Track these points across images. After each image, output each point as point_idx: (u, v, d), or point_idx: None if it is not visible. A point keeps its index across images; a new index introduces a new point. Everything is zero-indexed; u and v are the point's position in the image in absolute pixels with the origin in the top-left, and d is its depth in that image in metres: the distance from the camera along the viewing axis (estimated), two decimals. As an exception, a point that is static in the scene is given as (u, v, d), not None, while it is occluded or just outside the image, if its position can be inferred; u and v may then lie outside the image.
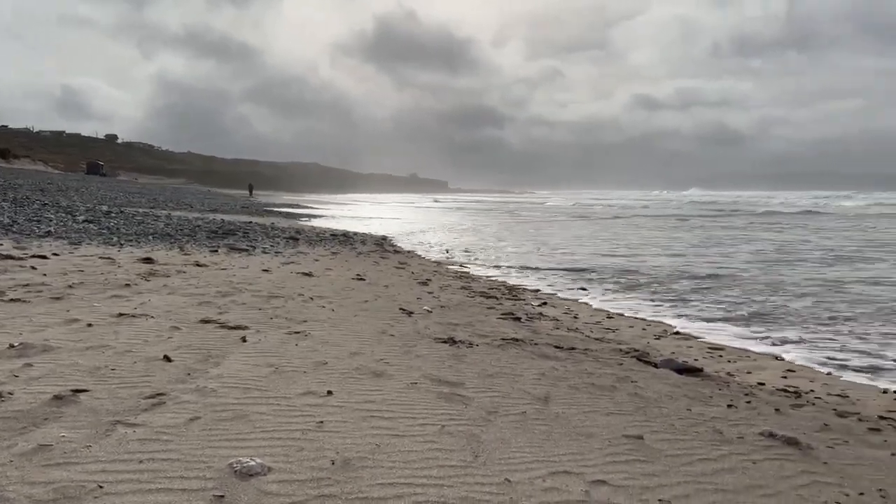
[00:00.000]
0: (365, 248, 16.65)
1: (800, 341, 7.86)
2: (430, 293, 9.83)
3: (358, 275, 10.88)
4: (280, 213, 35.82)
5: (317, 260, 12.86)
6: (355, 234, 21.81)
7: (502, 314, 8.47)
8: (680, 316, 9.32)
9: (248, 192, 71.56)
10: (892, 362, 6.97)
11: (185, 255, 12.11)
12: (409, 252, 17.31)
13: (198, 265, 10.62)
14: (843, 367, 6.73)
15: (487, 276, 13.02)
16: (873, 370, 6.66)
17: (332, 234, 20.11)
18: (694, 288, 11.92)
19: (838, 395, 5.62)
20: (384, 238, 21.37)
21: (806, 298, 10.76)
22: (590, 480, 3.19)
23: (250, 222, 23.21)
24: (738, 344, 7.68)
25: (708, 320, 9.04)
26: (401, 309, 8.01)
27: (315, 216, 35.11)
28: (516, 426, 3.94)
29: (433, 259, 15.96)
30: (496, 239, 23.70)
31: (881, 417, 4.95)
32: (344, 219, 34.36)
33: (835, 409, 5.08)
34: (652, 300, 10.69)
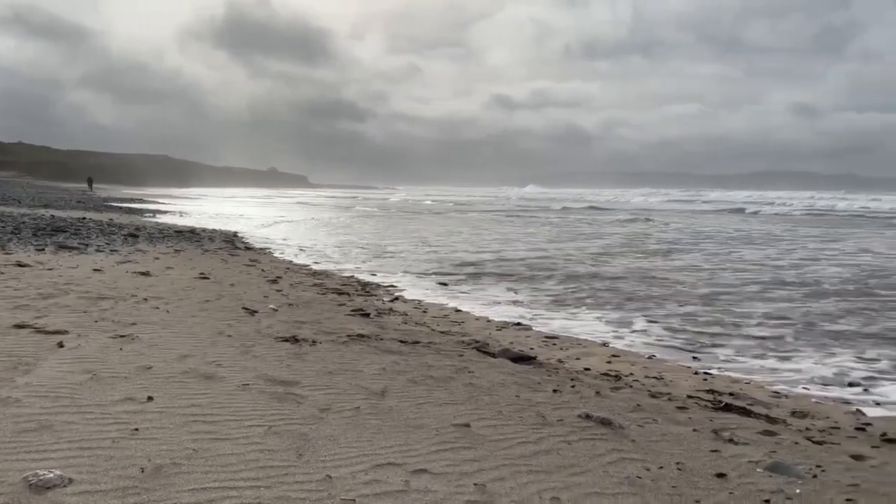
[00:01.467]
0: (213, 245, 15.97)
1: (622, 324, 8.48)
2: (279, 291, 9.61)
3: (202, 273, 10.42)
4: (121, 208, 33.51)
5: (157, 258, 12.18)
6: (203, 230, 20.85)
7: (352, 310, 8.45)
8: (516, 304, 9.76)
9: (87, 185, 66.33)
10: (708, 347, 7.68)
11: (6, 254, 11.05)
12: (261, 249, 16.80)
13: (19, 265, 9.72)
14: (667, 349, 7.33)
15: (342, 273, 12.92)
16: (689, 352, 7.31)
17: (177, 231, 19.11)
18: (531, 276, 12.52)
19: (655, 378, 6.11)
20: (235, 235, 20.61)
21: (628, 284, 11.60)
22: (412, 470, 3.26)
23: (84, 218, 21.56)
24: (575, 332, 8.15)
25: (549, 309, 9.53)
26: (244, 308, 7.76)
27: (161, 212, 33.17)
28: (348, 422, 3.95)
29: (287, 256, 15.60)
30: (357, 235, 23.57)
31: (689, 397, 5.44)
32: (193, 215, 32.74)
33: (649, 391, 5.52)
34: (497, 295, 11.09)
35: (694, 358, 7.14)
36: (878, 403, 5.75)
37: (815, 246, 21.19)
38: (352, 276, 12.43)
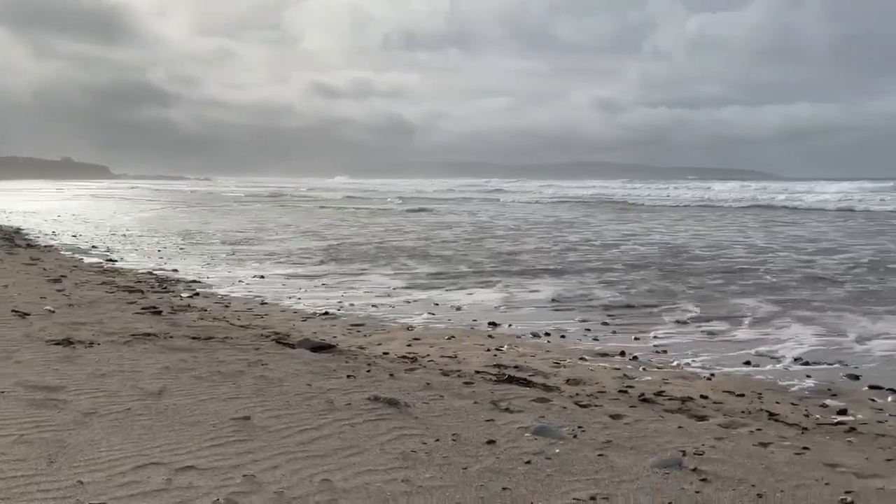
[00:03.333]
0: (-13, 243, 14.23)
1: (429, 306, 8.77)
2: (60, 291, 8.79)
3: (-35, 275, 9.25)
4: None
5: (-89, 260, 10.62)
6: (-23, 228, 18.53)
7: (143, 308, 7.93)
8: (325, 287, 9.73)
9: None
10: (502, 326, 8.14)
11: None
12: (46, 247, 15.25)
13: None
14: (467, 329, 7.66)
15: (138, 270, 12.06)
16: (484, 332, 7.71)
17: (-58, 230, 16.81)
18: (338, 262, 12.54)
19: (449, 357, 6.36)
20: (17, 231, 18.52)
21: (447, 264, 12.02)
22: (177, 468, 3.13)
23: None
24: (381, 318, 8.27)
25: (354, 297, 9.59)
26: (13, 311, 7.01)
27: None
28: (115, 425, 3.70)
29: (76, 255, 14.28)
30: (152, 229, 22.08)
31: (477, 372, 5.72)
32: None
33: (441, 370, 5.74)
34: (317, 282, 10.96)
35: (489, 336, 7.53)
36: (644, 369, 6.42)
37: (601, 227, 23.18)
38: (149, 273, 11.65)
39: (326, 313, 8.53)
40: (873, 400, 5.54)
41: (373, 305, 9.23)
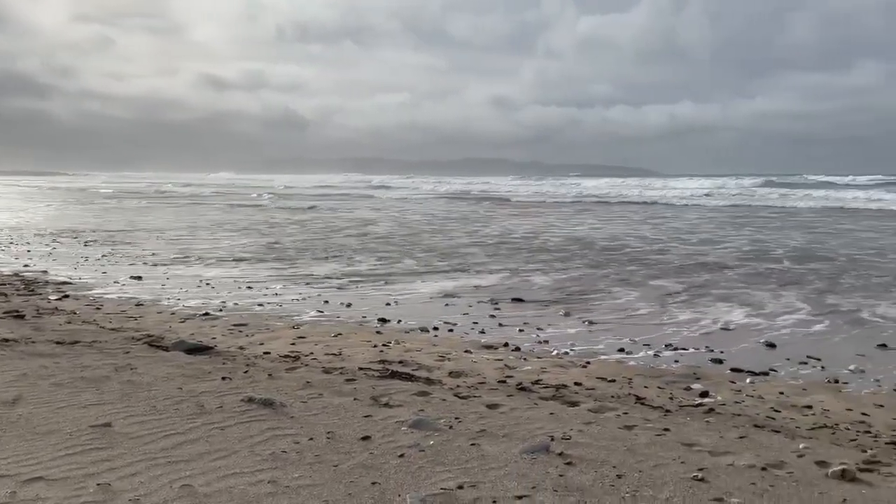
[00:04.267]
0: None
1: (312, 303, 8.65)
2: None
3: None
4: None
5: None
6: None
7: (4, 312, 7.37)
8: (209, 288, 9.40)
9: None
10: (391, 321, 8.13)
11: None
12: None
13: None
14: (356, 326, 7.60)
15: (2, 272, 11.19)
16: (373, 327, 7.68)
17: None
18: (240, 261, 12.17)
19: (334, 354, 6.30)
20: None
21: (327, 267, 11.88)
22: (24, 480, 2.93)
23: None
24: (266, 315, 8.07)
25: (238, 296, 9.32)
26: None
27: None
28: (-44, 438, 3.42)
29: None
30: (18, 226, 20.58)
31: (360, 369, 5.70)
32: None
33: (324, 367, 5.67)
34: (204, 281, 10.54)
35: (377, 332, 7.52)
36: (525, 359, 6.59)
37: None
38: (15, 275, 10.84)
39: (207, 314, 8.23)
40: (733, 382, 5.95)
41: (258, 304, 8.99)
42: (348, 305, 9.10)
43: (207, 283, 10.56)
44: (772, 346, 7.34)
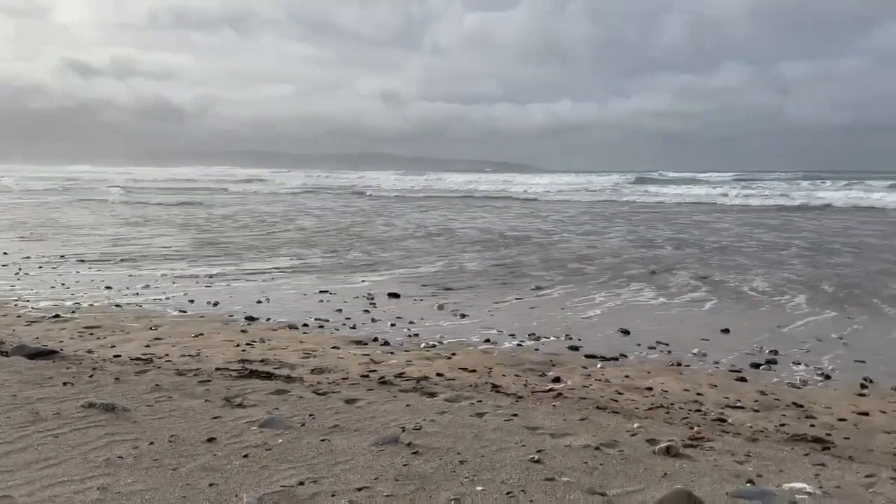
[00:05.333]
0: None
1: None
2: None
3: None
4: None
5: None
6: None
7: None
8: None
9: None
10: (260, 317, 7.95)
11: None
12: None
13: None
14: (220, 325, 7.38)
15: None
16: (236, 324, 7.49)
17: None
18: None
19: (191, 356, 6.10)
20: None
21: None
22: None
23: None
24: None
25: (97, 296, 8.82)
26: None
27: None
28: None
29: None
30: None
31: (217, 369, 5.55)
32: None
33: (178, 369, 5.47)
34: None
35: (243, 331, 7.34)
36: (393, 353, 6.65)
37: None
38: None
39: (57, 316, 7.73)
40: (585, 368, 6.28)
41: (116, 305, 8.54)
42: (215, 304, 8.82)
43: (62, 284, 9.92)
44: (626, 332, 7.80)
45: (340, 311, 8.63)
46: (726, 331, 7.91)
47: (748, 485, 3.35)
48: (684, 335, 7.67)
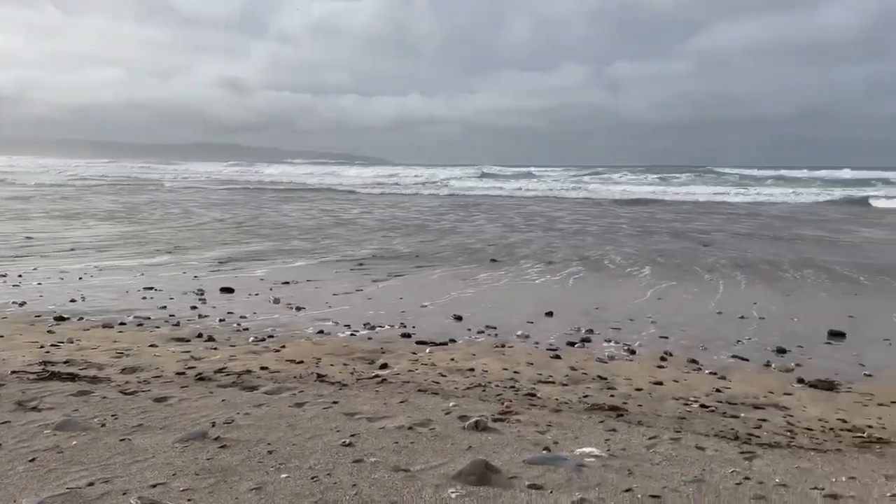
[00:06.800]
0: None
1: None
2: None
3: None
4: None
5: None
6: None
7: None
8: None
9: None
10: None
11: None
12: None
13: None
14: (26, 326, 6.75)
15: None
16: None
17: None
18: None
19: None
20: None
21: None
22: None
23: None
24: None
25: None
26: None
27: None
28: None
29: None
30: None
31: (13, 372, 5.08)
32: None
33: None
34: None
35: (50, 332, 6.77)
36: (216, 349, 6.42)
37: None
38: None
39: None
40: (414, 354, 6.41)
41: None
42: (22, 304, 8.07)
43: None
44: (459, 318, 8.05)
45: (165, 307, 8.20)
46: (550, 314, 8.38)
47: (544, 452, 3.59)
48: (513, 319, 8.04)
